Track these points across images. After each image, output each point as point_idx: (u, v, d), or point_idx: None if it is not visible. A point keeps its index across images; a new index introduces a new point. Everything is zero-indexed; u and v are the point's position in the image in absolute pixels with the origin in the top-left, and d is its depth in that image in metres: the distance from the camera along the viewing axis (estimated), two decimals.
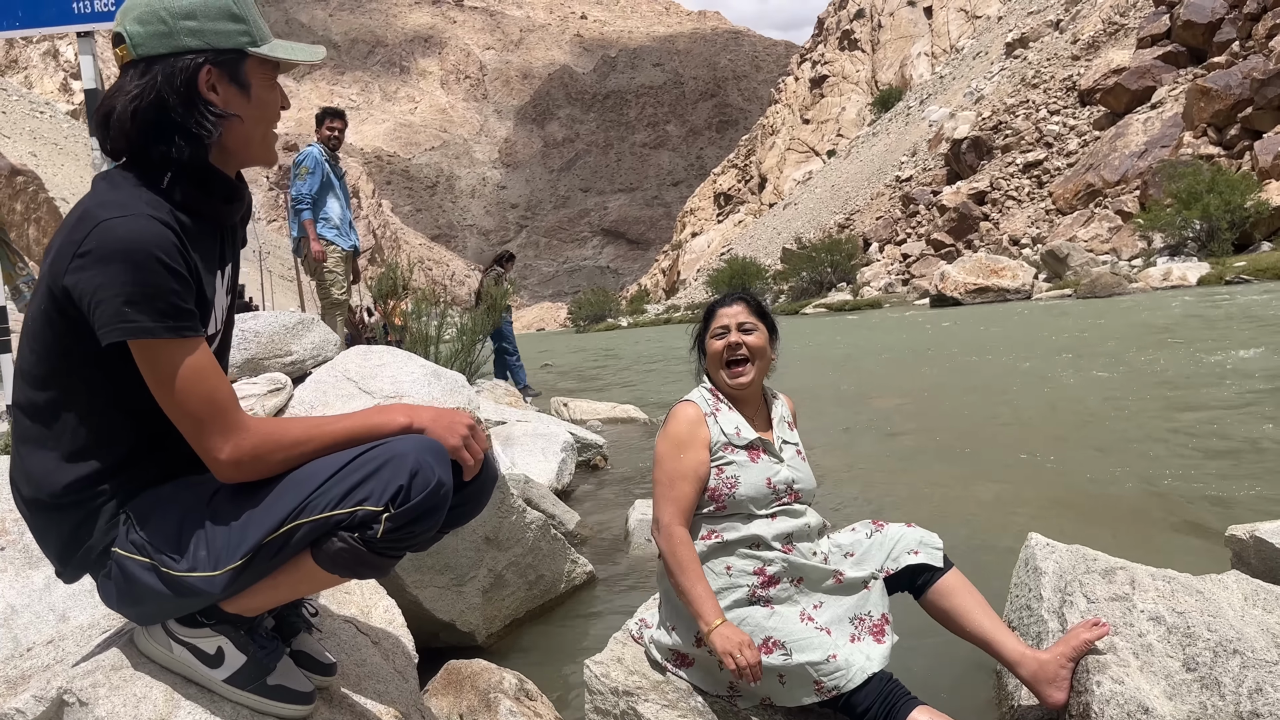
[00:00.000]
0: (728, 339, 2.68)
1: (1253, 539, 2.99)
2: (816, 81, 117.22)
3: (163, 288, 1.48)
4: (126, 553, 1.57)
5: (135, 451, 1.63)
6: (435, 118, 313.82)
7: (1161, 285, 24.04)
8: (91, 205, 1.54)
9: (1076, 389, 8.66)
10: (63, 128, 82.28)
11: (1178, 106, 39.17)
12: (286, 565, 1.57)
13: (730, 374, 2.67)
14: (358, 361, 5.67)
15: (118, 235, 1.47)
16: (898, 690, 2.29)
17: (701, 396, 2.70)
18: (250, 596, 1.61)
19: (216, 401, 1.52)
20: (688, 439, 2.57)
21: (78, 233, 1.51)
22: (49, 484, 1.58)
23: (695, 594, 2.38)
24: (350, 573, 1.58)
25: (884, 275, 51.05)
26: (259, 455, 1.52)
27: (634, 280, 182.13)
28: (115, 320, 1.46)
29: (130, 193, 1.55)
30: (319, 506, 1.52)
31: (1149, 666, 2.26)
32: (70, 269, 1.49)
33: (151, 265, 1.48)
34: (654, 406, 10.92)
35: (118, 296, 1.46)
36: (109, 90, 1.60)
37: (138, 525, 1.58)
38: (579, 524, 5.16)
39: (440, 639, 3.48)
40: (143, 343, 1.49)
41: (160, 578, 1.54)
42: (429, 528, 1.57)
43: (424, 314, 10.49)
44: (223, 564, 1.52)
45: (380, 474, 1.52)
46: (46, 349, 1.57)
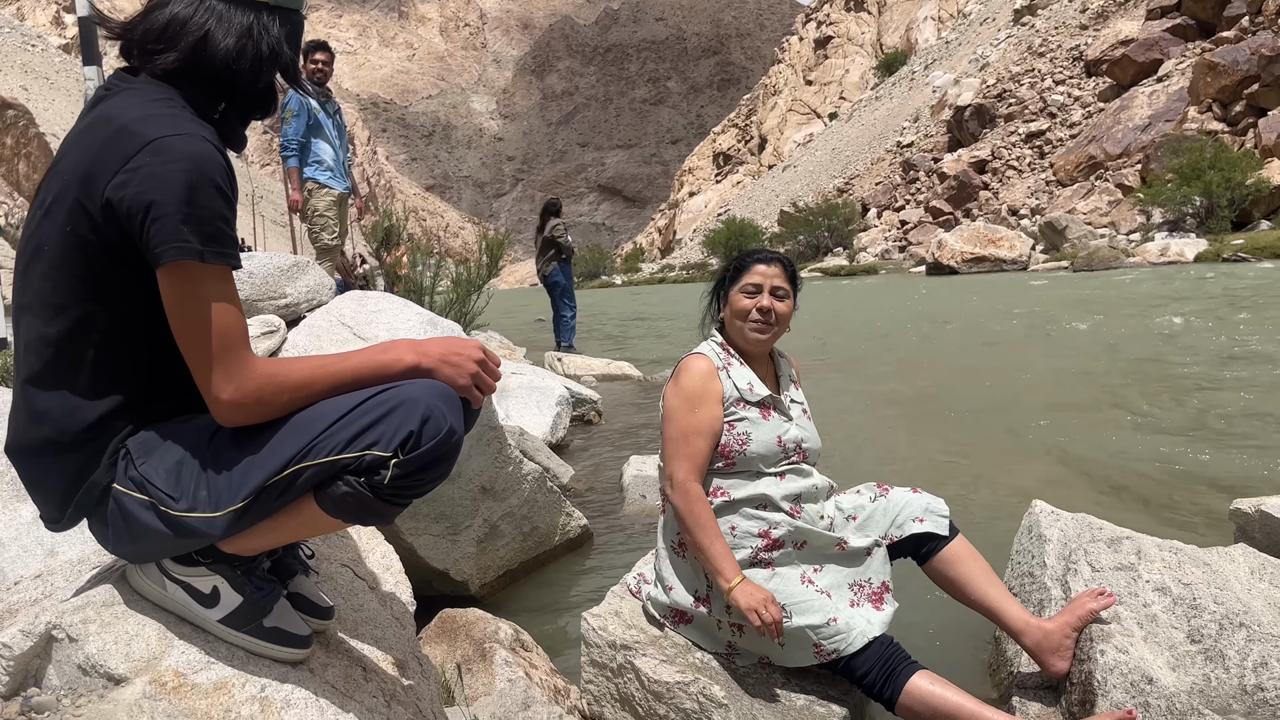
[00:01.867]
0: (759, 300, 2.59)
1: (1258, 513, 2.97)
2: (821, 42, 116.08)
3: (216, 211, 1.45)
4: (125, 489, 1.51)
5: (151, 386, 1.57)
6: (433, 65, 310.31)
7: (1159, 260, 24.01)
8: (135, 119, 1.46)
9: (1074, 361, 8.64)
10: (54, 62, 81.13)
11: (1184, 80, 38.89)
12: (288, 508, 1.51)
13: (753, 331, 2.59)
14: (353, 307, 5.60)
15: (176, 153, 1.42)
16: (898, 654, 2.26)
17: (712, 350, 2.62)
18: (249, 537, 1.56)
19: (230, 337, 1.45)
20: (701, 393, 2.50)
21: (124, 145, 1.44)
22: (72, 422, 1.51)
23: (714, 551, 2.35)
24: (354, 518, 1.53)
25: (881, 241, 50.91)
26: (262, 398, 1.45)
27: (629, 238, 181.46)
28: (172, 239, 1.40)
29: (175, 112, 1.50)
30: (325, 450, 1.46)
31: (1153, 637, 2.24)
32: (115, 184, 1.42)
33: (207, 187, 1.43)
34: (648, 364, 10.88)
35: (174, 215, 1.40)
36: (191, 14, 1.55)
37: (136, 462, 1.51)
38: (573, 478, 5.14)
39: (433, 587, 3.46)
40: (187, 266, 1.42)
41: (159, 516, 1.49)
42: (438, 476, 1.52)
43: (419, 263, 10.40)
44: (223, 505, 1.47)
45: (390, 418, 1.46)
46: (69, 274, 1.49)
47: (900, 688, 2.20)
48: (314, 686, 1.60)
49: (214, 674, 1.52)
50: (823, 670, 2.41)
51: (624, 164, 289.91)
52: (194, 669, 1.52)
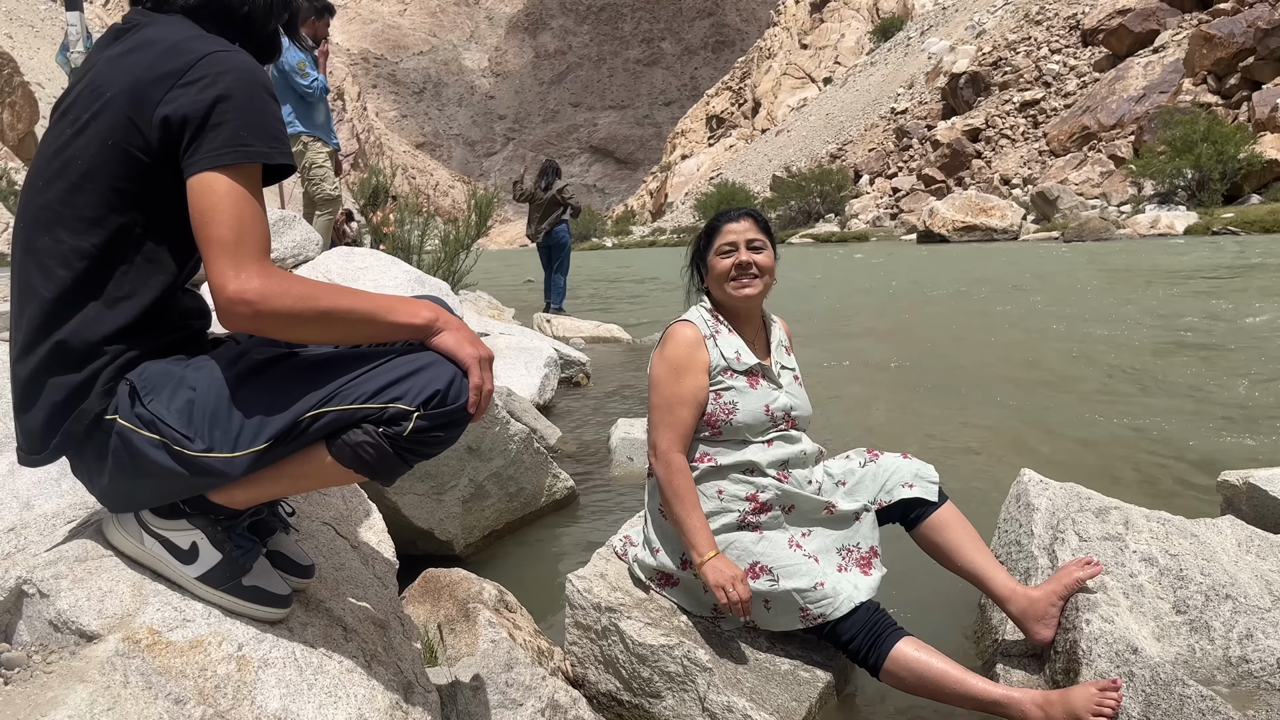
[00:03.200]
0: (736, 257, 2.55)
1: (1246, 485, 2.96)
2: (817, 6, 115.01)
3: (275, 115, 1.52)
4: (132, 425, 1.49)
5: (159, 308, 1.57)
6: (425, 21, 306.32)
7: (1149, 233, 24.05)
8: (183, 39, 1.52)
9: (1065, 332, 8.65)
10: (39, 9, 79.75)
11: (1180, 52, 38.74)
12: (295, 456, 1.51)
13: (737, 285, 2.55)
14: (340, 263, 5.54)
15: (231, 64, 1.49)
16: (884, 620, 2.26)
17: (700, 317, 2.58)
18: (245, 487, 1.55)
19: (258, 234, 1.46)
20: (686, 362, 2.47)
21: (175, 62, 1.48)
22: (89, 332, 1.51)
23: (690, 524, 2.34)
24: (366, 469, 1.52)
25: (873, 208, 50.81)
26: (267, 295, 1.42)
27: (621, 201, 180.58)
28: (232, 143, 1.44)
29: (216, 38, 1.56)
30: (350, 397, 1.47)
31: (1139, 607, 2.24)
32: (170, 97, 1.46)
33: (261, 94, 1.50)
34: (637, 327, 10.85)
35: (234, 121, 1.45)
36: None
37: (144, 398, 1.49)
38: (560, 440, 5.11)
39: (417, 547, 3.44)
40: (241, 167, 1.46)
41: (173, 455, 1.47)
42: (451, 438, 1.55)
43: (407, 221, 10.29)
44: (243, 445, 1.46)
45: (418, 376, 1.49)
46: (108, 186, 1.50)
47: (885, 654, 2.20)
48: (292, 645, 1.57)
49: (189, 631, 1.49)
50: (808, 635, 2.41)
51: (616, 125, 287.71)
52: (169, 626, 1.49)
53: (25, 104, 40.64)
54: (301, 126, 7.49)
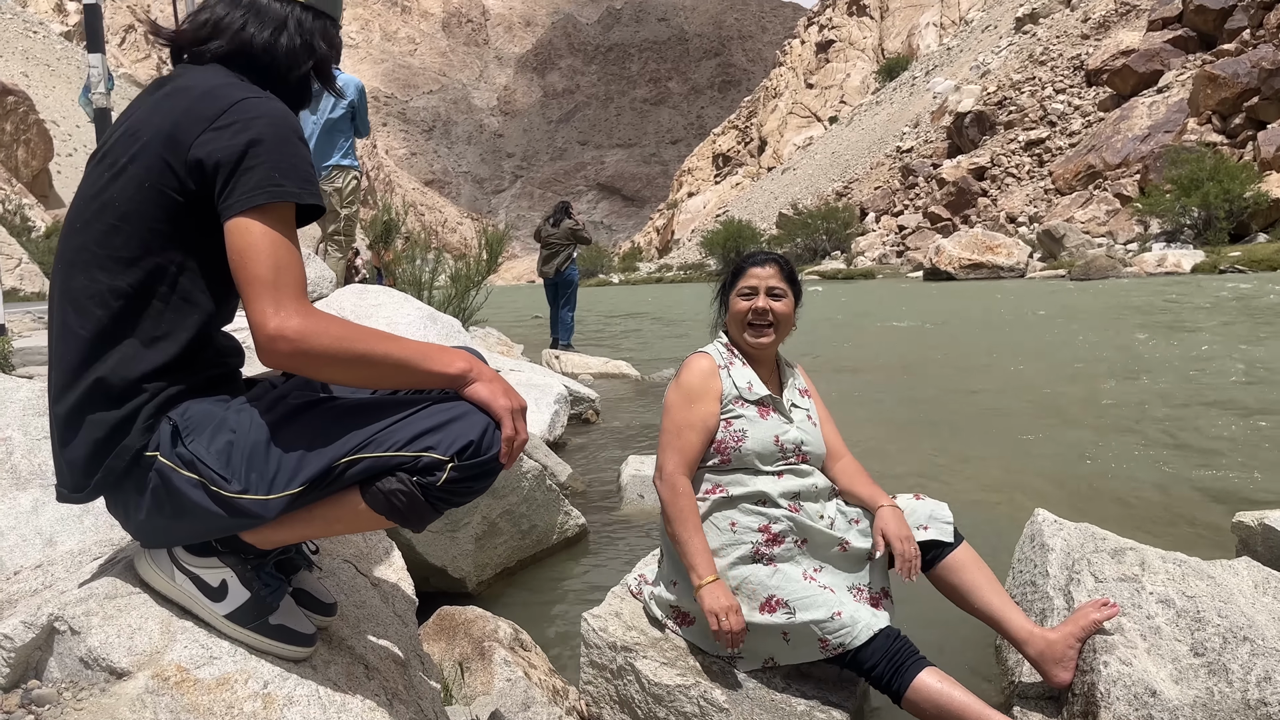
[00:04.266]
0: (754, 302, 2.60)
1: (1261, 526, 2.96)
2: (823, 46, 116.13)
3: (304, 157, 1.57)
4: (173, 464, 1.51)
5: (192, 352, 1.60)
6: (435, 60, 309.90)
7: (1156, 271, 24.07)
8: (217, 86, 1.58)
9: (1075, 371, 8.64)
10: (56, 49, 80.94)
11: (1184, 92, 38.99)
12: (327, 500, 1.53)
13: (751, 334, 2.61)
14: (353, 300, 5.59)
15: (262, 110, 1.55)
16: (906, 649, 2.24)
17: (716, 349, 2.65)
18: (277, 529, 1.56)
19: (295, 273, 1.50)
20: (699, 390, 2.52)
21: (208, 108, 1.54)
22: (129, 370, 1.54)
23: (691, 545, 2.36)
24: (399, 517, 1.54)
25: (879, 246, 50.97)
26: (304, 333, 1.45)
27: (627, 237, 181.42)
28: (265, 184, 1.49)
29: (249, 85, 1.63)
30: (385, 444, 1.49)
31: (1156, 649, 2.23)
32: (203, 140, 1.52)
33: (291, 138, 1.55)
34: (645, 363, 10.87)
35: (265, 163, 1.50)
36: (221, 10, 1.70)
37: (185, 438, 1.52)
38: (570, 476, 5.12)
39: (430, 584, 3.44)
40: (276, 208, 1.51)
41: (210, 495, 1.50)
42: (483, 488, 1.57)
43: (417, 258, 10.38)
44: (278, 488, 1.49)
45: (451, 426, 1.51)
46: (145, 227, 1.55)
47: (908, 682, 2.19)
48: (316, 683, 1.58)
49: (217, 669, 1.51)
50: (828, 667, 2.40)
51: (623, 163, 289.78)
52: (197, 664, 1.50)
53: (40, 141, 41.14)
54: (351, 160, 7.63)
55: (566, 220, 12.28)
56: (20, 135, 39.80)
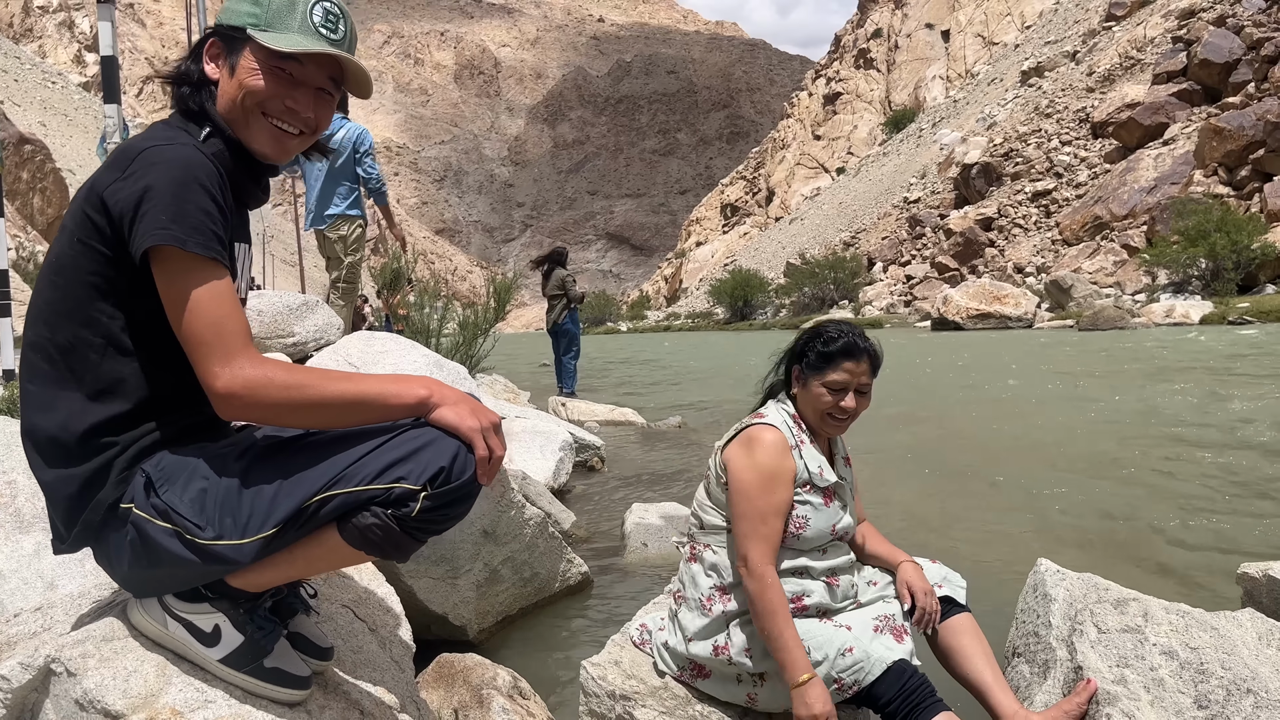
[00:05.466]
0: (843, 401, 2.45)
1: (1266, 578, 2.94)
2: (830, 98, 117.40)
3: (201, 208, 1.53)
4: (147, 515, 1.52)
5: (155, 402, 1.60)
6: (447, 111, 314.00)
7: (1164, 322, 24.05)
8: (135, 141, 1.60)
9: (1077, 421, 8.62)
10: (74, 99, 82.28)
11: (1190, 144, 39.21)
12: (307, 539, 1.53)
13: (830, 426, 2.49)
14: (360, 347, 5.62)
15: (164, 156, 1.54)
16: (923, 689, 2.22)
17: (784, 423, 2.49)
18: (262, 571, 1.57)
19: (224, 326, 1.49)
20: (777, 471, 2.38)
21: (120, 160, 1.56)
22: (76, 424, 1.55)
23: (785, 641, 2.24)
24: (377, 550, 1.54)
25: (886, 295, 51.04)
26: (253, 387, 1.46)
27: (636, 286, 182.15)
28: (154, 228, 1.48)
29: (176, 133, 1.63)
30: (355, 479, 1.49)
31: (1159, 701, 2.21)
32: (111, 188, 1.53)
33: (193, 185, 1.53)
34: (652, 411, 10.87)
35: (157, 208, 1.49)
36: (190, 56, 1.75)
37: (159, 489, 1.53)
38: (575, 524, 5.11)
39: (431, 631, 3.43)
40: (171, 255, 1.49)
41: (185, 544, 1.50)
42: (461, 513, 1.55)
43: (426, 305, 10.43)
44: (251, 532, 1.49)
45: (420, 455, 1.50)
46: (78, 280, 1.56)
47: None
48: None
49: (211, 713, 1.51)
50: (847, 705, 2.37)
51: (632, 213, 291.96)
52: (191, 707, 1.51)
53: (56, 190, 41.67)
54: (357, 211, 7.72)
55: (559, 270, 12.43)
56: (36, 184, 40.31)
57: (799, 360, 2.54)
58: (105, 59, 5.53)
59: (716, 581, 2.45)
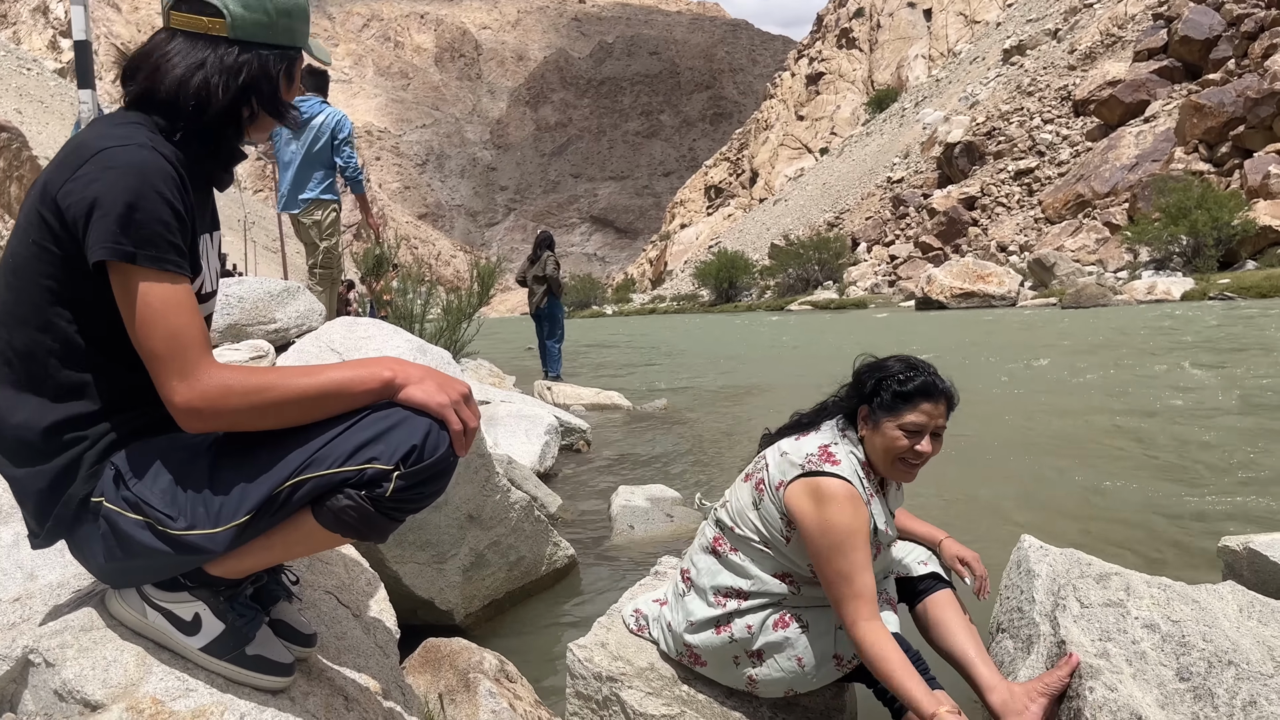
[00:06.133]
0: (920, 445, 2.31)
1: (1246, 551, 2.96)
2: (813, 78, 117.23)
3: (154, 215, 1.47)
4: (118, 508, 1.50)
5: (120, 398, 1.57)
6: (428, 95, 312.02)
7: (1146, 298, 24.22)
8: (89, 138, 1.53)
9: (1059, 397, 8.67)
10: (49, 85, 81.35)
11: (1170, 121, 39.38)
12: (283, 524, 1.51)
13: (902, 471, 2.35)
14: (342, 333, 5.57)
15: (118, 160, 1.47)
16: (917, 665, 2.22)
17: (855, 473, 2.31)
18: (240, 558, 1.55)
19: (180, 340, 1.45)
20: (856, 527, 2.23)
21: (73, 159, 1.50)
22: (36, 423, 1.52)
23: (910, 687, 2.10)
24: (353, 532, 1.52)
25: (870, 275, 51.18)
26: (213, 399, 1.43)
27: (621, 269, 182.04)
28: (104, 239, 1.44)
29: (134, 130, 1.55)
30: (326, 462, 1.47)
31: (1142, 674, 2.23)
32: (63, 190, 1.48)
33: (147, 192, 1.46)
34: (637, 394, 10.87)
35: (108, 216, 1.43)
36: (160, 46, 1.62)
37: (128, 480, 1.51)
38: (560, 507, 5.11)
39: (418, 616, 3.42)
40: (121, 268, 1.45)
41: (157, 535, 1.48)
42: (437, 490, 1.53)
43: (409, 291, 10.39)
44: (224, 520, 1.47)
45: (392, 434, 1.48)
46: (33, 283, 1.52)
47: None
48: (295, 715, 1.57)
49: (193, 701, 1.50)
50: (817, 696, 2.38)
51: (616, 195, 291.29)
52: (172, 696, 1.50)
53: (33, 177, 41.18)
54: (332, 195, 7.63)
55: (548, 254, 12.38)
56: (13, 172, 39.81)
57: (868, 400, 2.38)
58: (79, 44, 5.46)
59: (734, 584, 2.40)
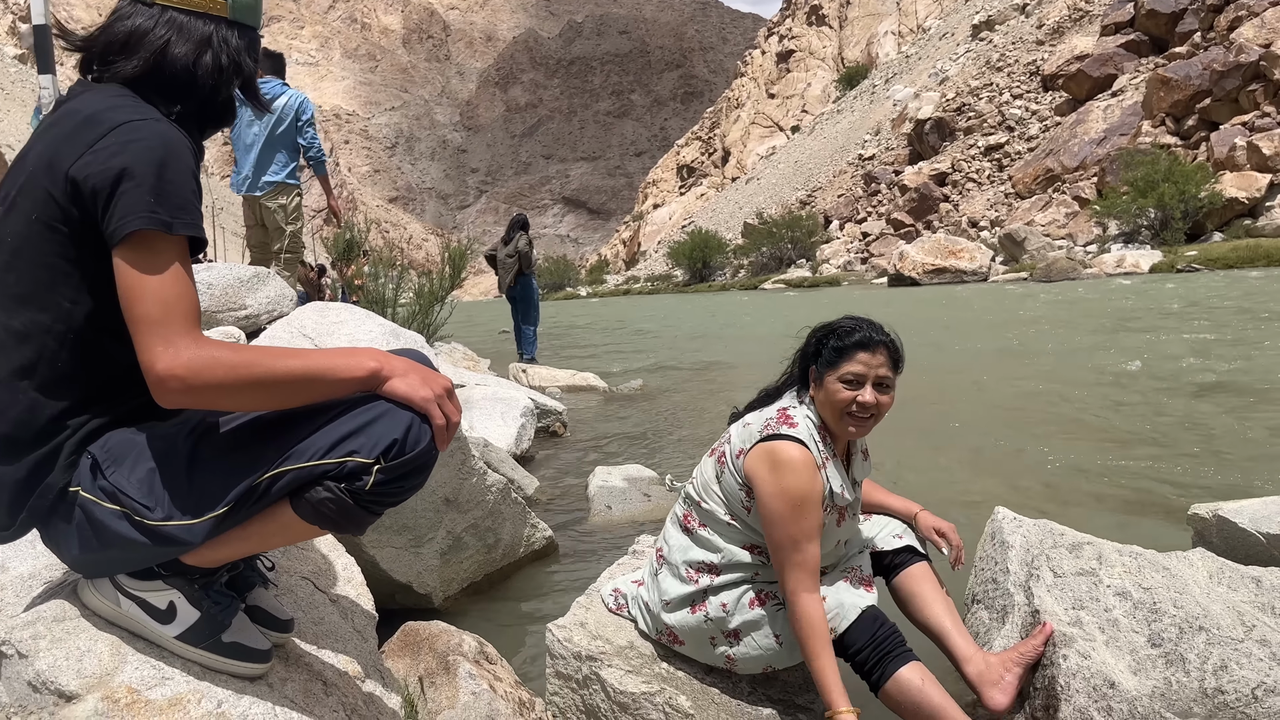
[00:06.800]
0: (861, 396, 2.31)
1: (1215, 518, 3.01)
2: (783, 56, 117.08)
3: (184, 184, 1.48)
4: (94, 498, 1.48)
5: (110, 382, 1.55)
6: (396, 77, 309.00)
7: (1115, 271, 24.44)
8: (102, 109, 1.50)
9: (1031, 370, 8.74)
10: (10, 72, 79.88)
11: (1138, 95, 39.66)
12: (261, 515, 1.50)
13: (852, 426, 2.35)
14: (314, 318, 5.54)
15: (144, 133, 1.47)
16: (893, 640, 2.23)
17: (811, 437, 2.33)
18: (215, 548, 1.53)
19: (180, 307, 1.43)
20: (808, 493, 2.24)
21: (90, 133, 1.47)
22: (33, 419, 1.49)
23: (819, 670, 2.16)
24: (332, 525, 1.51)
25: (843, 253, 51.34)
26: (196, 370, 1.39)
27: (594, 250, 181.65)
28: (137, 209, 1.42)
29: (140, 105, 1.54)
30: (306, 454, 1.45)
31: (1114, 641, 2.26)
32: (81, 163, 1.45)
33: (175, 163, 1.47)
34: (613, 375, 10.87)
35: (141, 186, 1.42)
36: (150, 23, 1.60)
37: (106, 470, 1.48)
38: (538, 489, 5.11)
39: (396, 600, 3.42)
40: (150, 238, 1.43)
41: (135, 526, 1.46)
42: (417, 485, 1.53)
43: (381, 275, 10.32)
44: (204, 511, 1.45)
45: (372, 427, 1.46)
46: (36, 263, 1.49)
47: (890, 673, 2.18)
48: (273, 701, 1.56)
49: (169, 690, 1.49)
50: (797, 669, 2.39)
51: (588, 176, 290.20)
52: (148, 685, 1.48)
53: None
54: (294, 179, 7.53)
55: (522, 235, 12.27)
56: None
57: (814, 359, 2.43)
58: (37, 28, 5.35)
59: (705, 559, 2.42)
